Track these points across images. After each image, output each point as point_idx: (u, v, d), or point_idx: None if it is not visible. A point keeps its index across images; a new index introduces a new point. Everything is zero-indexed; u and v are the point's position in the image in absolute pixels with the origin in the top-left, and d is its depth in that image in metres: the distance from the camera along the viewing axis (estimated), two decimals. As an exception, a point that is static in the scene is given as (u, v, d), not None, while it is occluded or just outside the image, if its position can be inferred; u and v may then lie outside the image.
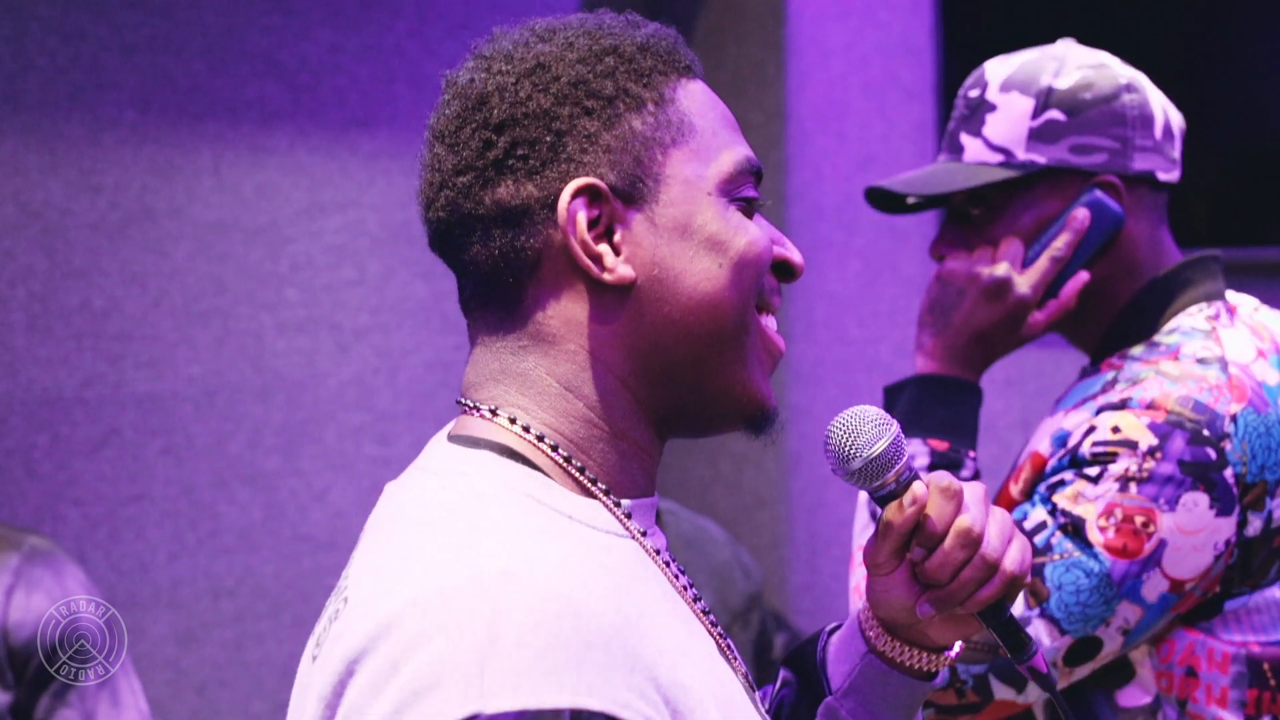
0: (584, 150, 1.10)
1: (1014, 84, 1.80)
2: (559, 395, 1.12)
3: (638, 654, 0.99)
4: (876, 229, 3.75)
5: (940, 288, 1.82)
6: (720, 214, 1.13)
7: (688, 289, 1.11)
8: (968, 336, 1.81)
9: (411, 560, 1.02)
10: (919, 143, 3.64)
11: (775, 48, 3.90)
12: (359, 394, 3.45)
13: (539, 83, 1.11)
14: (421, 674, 0.95)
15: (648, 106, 1.12)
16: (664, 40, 1.16)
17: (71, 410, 3.06)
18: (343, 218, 3.44)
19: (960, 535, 1.16)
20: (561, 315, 1.11)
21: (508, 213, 1.10)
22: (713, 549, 2.86)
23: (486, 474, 1.08)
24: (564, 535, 1.06)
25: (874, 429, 1.17)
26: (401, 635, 0.97)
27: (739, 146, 1.17)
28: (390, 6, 3.49)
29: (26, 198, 3.00)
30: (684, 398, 1.14)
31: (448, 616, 0.96)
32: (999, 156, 1.78)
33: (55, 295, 3.04)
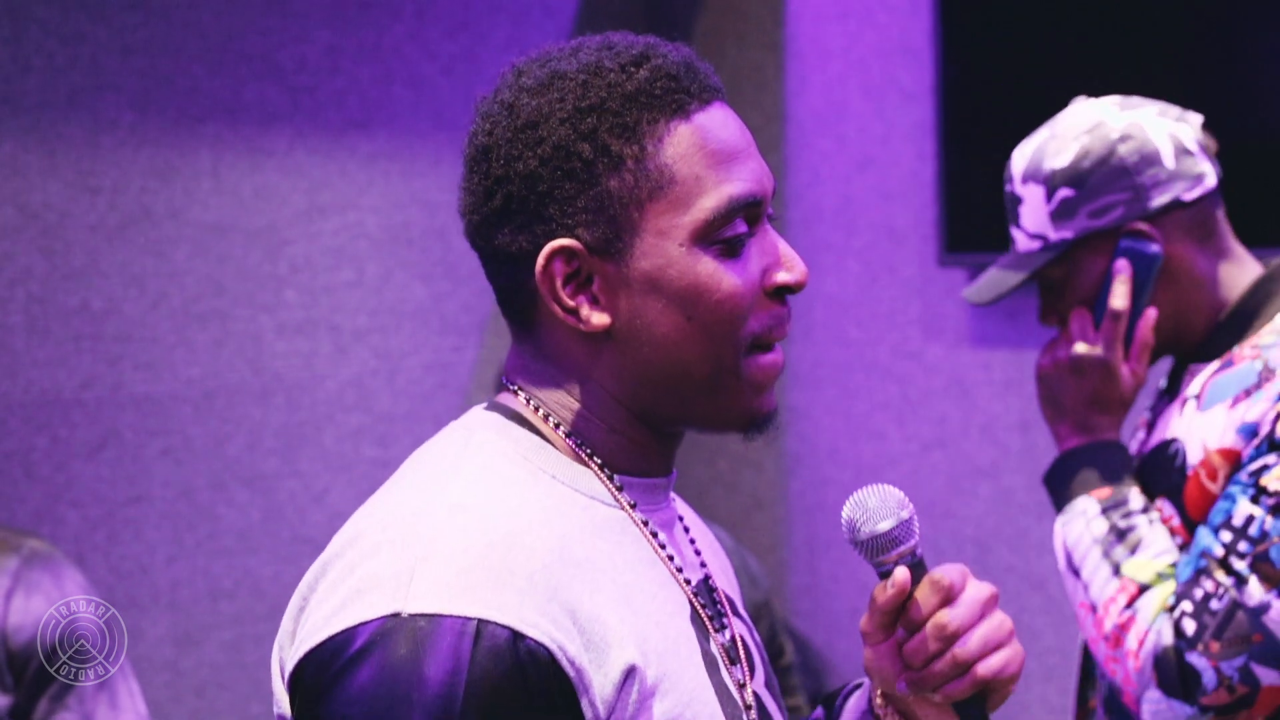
0: (564, 211, 1.20)
1: (1029, 175, 1.97)
2: (566, 395, 1.24)
3: (562, 587, 1.12)
4: (875, 231, 3.75)
5: (1043, 387, 2.00)
6: (691, 267, 1.20)
7: (659, 339, 1.21)
8: (1083, 410, 1.96)
9: (394, 491, 1.21)
10: (918, 144, 3.64)
11: (774, 49, 3.90)
12: (358, 395, 3.45)
13: (529, 142, 1.20)
14: (367, 577, 1.12)
15: (627, 164, 1.19)
16: (661, 80, 1.21)
17: (70, 412, 3.06)
18: (341, 219, 3.44)
19: (935, 628, 1.21)
20: (560, 344, 1.23)
21: (509, 256, 1.22)
22: None
23: (489, 430, 1.23)
24: (535, 488, 1.20)
25: (886, 508, 1.23)
26: (363, 545, 1.15)
27: (726, 185, 1.21)
28: (389, 8, 3.49)
29: (25, 199, 3.00)
30: (675, 415, 1.25)
31: (398, 534, 1.13)
32: (1038, 243, 1.97)
33: (54, 297, 3.04)
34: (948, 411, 3.63)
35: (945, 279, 3.62)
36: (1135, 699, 1.79)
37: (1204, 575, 1.76)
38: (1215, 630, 1.73)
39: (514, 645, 1.08)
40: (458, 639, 1.08)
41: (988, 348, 3.56)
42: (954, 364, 3.61)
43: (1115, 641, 1.81)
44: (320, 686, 1.11)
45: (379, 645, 1.08)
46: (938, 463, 3.65)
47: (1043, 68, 3.37)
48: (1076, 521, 1.90)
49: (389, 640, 1.08)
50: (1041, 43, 3.39)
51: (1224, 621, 1.73)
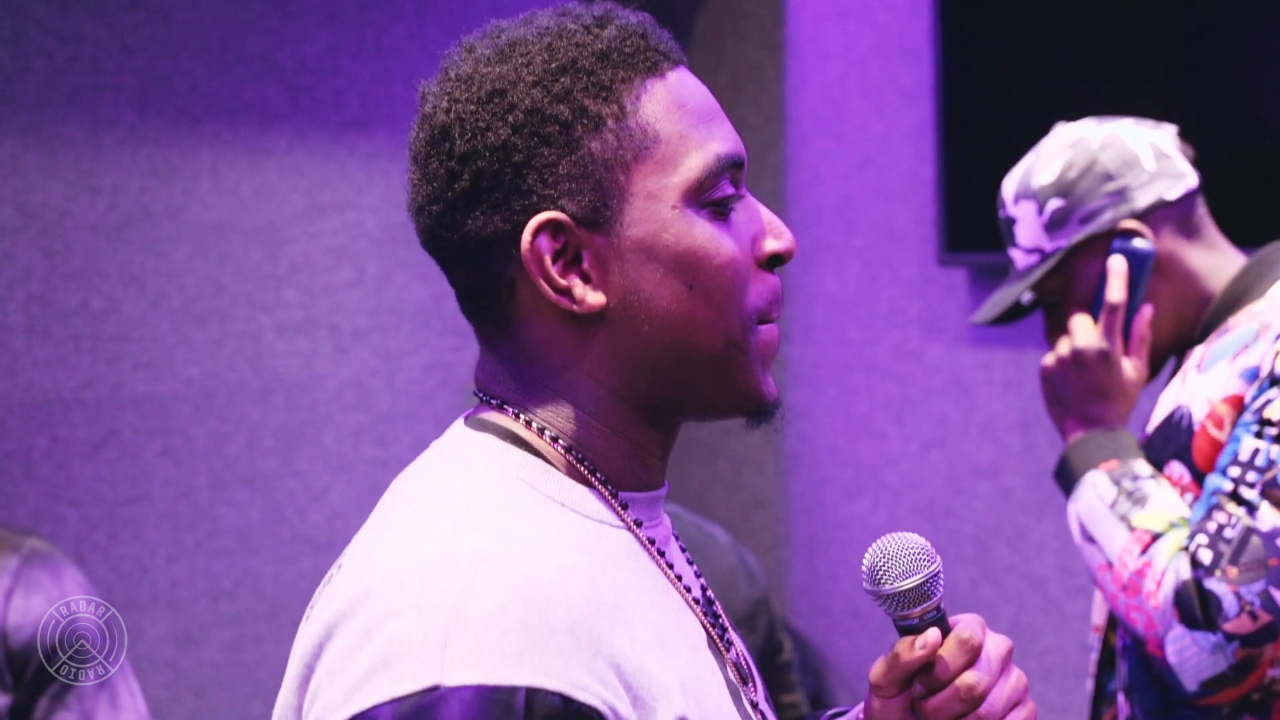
0: (544, 182, 1.10)
1: (1020, 195, 2.06)
2: (556, 399, 1.14)
3: (603, 640, 1.02)
4: (875, 231, 3.75)
5: (1047, 387, 2.06)
6: (686, 230, 1.11)
7: (661, 311, 1.11)
8: (1086, 402, 2.02)
9: (398, 536, 1.07)
10: (918, 144, 3.64)
11: (774, 49, 3.90)
12: (357, 395, 3.45)
13: (496, 111, 1.10)
14: (390, 644, 1.00)
15: (608, 124, 1.11)
16: (630, 38, 1.13)
17: (70, 411, 3.06)
18: (341, 219, 3.44)
19: (963, 689, 1.16)
20: (544, 336, 1.13)
21: (480, 242, 1.11)
22: (717, 554, 2.85)
23: (486, 457, 1.12)
24: (550, 521, 1.09)
25: (911, 562, 1.18)
26: (376, 606, 1.02)
27: (710, 143, 1.14)
28: (389, 8, 3.49)
29: (25, 199, 3.00)
30: (678, 400, 1.15)
31: (419, 592, 1.01)
32: (1035, 256, 2.05)
33: (54, 296, 3.04)
34: (947, 411, 3.63)
35: (945, 278, 3.62)
36: (1159, 644, 1.81)
37: (1216, 510, 1.79)
38: (1231, 556, 1.76)
39: (566, 711, 0.99)
40: (506, 711, 0.97)
41: (987, 347, 3.56)
42: (954, 364, 3.61)
43: (1134, 589, 1.84)
44: None
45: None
46: (937, 462, 3.65)
47: (1042, 68, 3.37)
48: (1088, 494, 1.95)
49: (432, 716, 0.97)
50: (1041, 43, 3.39)
51: (1239, 547, 1.76)
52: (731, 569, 2.85)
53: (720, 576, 2.81)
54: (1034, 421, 3.45)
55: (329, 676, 1.03)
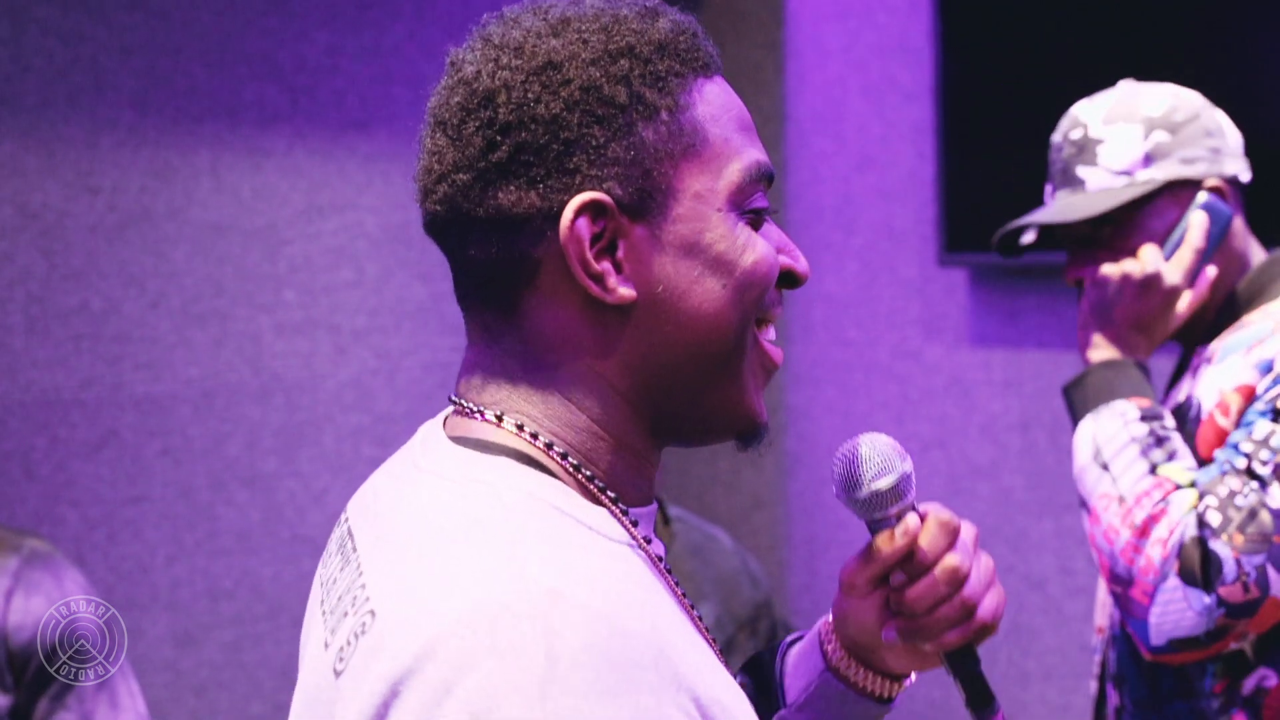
0: (592, 162, 1.05)
1: (1116, 117, 2.04)
2: (561, 405, 1.09)
3: (678, 672, 0.97)
4: (874, 231, 3.75)
5: (1098, 291, 2.03)
6: (729, 231, 1.09)
7: (690, 309, 1.07)
8: (1128, 328, 2.01)
9: (449, 574, 0.98)
10: (917, 144, 3.64)
11: (773, 49, 3.90)
12: (357, 395, 3.45)
13: (549, 84, 1.05)
14: (478, 697, 0.91)
15: (661, 115, 1.07)
16: (684, 35, 1.11)
17: (70, 412, 3.06)
18: (341, 219, 3.44)
19: (948, 571, 1.16)
20: (560, 327, 1.08)
21: (508, 219, 1.06)
22: (720, 558, 2.85)
23: (509, 482, 1.04)
24: (591, 548, 1.03)
25: (884, 462, 1.17)
26: (451, 655, 0.93)
27: (750, 151, 1.11)
28: (388, 8, 3.49)
29: (25, 199, 3.00)
30: (679, 411, 1.12)
31: (499, 636, 0.92)
32: (1122, 180, 2.02)
33: (53, 297, 3.04)
34: (947, 411, 3.63)
35: (945, 279, 3.62)
36: (1149, 591, 1.82)
37: (1229, 475, 1.82)
38: (1240, 523, 1.79)
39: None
40: None
41: (987, 347, 3.56)
42: (953, 364, 3.61)
43: (1143, 530, 1.84)
44: None
45: None
46: (937, 462, 3.65)
47: (1042, 67, 3.37)
48: (1113, 420, 1.94)
49: None
50: (1041, 42, 3.39)
51: (1249, 517, 1.79)
52: (735, 572, 2.85)
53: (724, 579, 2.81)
54: (1034, 422, 3.45)
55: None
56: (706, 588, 2.76)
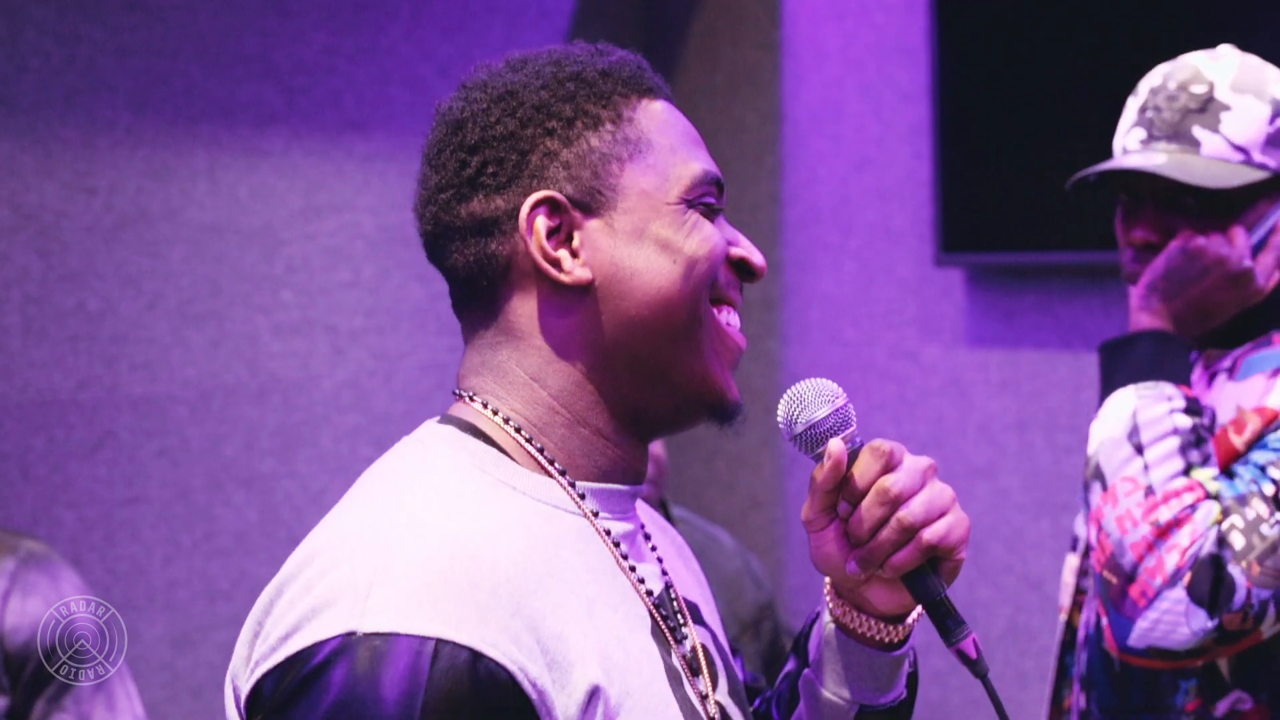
0: (545, 166, 1.22)
1: (1245, 87, 1.91)
2: (525, 384, 1.24)
3: (525, 604, 1.09)
4: (872, 231, 3.75)
5: (1184, 260, 1.90)
6: (676, 219, 1.23)
7: (642, 285, 1.21)
8: (1196, 310, 1.91)
9: (343, 510, 1.18)
10: (915, 144, 3.64)
11: (770, 49, 3.90)
12: (354, 396, 3.45)
13: (507, 108, 1.23)
14: (323, 594, 1.08)
15: (605, 125, 1.23)
16: (627, 67, 1.27)
17: (67, 412, 3.06)
18: (338, 220, 3.44)
19: (878, 494, 1.21)
20: (528, 313, 1.23)
21: (480, 223, 1.23)
22: (723, 559, 2.85)
23: (441, 444, 1.21)
24: (497, 500, 1.17)
25: (821, 399, 1.23)
26: (319, 564, 1.11)
27: (697, 161, 1.26)
28: (385, 9, 3.49)
29: (21, 200, 3.00)
30: (646, 389, 1.24)
31: (354, 550, 1.10)
32: (1240, 156, 1.90)
33: (50, 298, 3.04)
34: (944, 411, 3.63)
35: (942, 279, 3.62)
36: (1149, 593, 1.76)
37: (1255, 498, 1.76)
38: (1261, 554, 1.74)
39: (473, 666, 1.05)
40: (414, 659, 1.04)
41: (984, 348, 3.56)
42: (951, 364, 3.62)
43: (1165, 532, 1.78)
44: (276, 709, 1.07)
45: (334, 665, 1.05)
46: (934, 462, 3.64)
47: (1039, 67, 3.37)
48: (1159, 404, 1.83)
49: (344, 660, 1.05)
50: (1038, 42, 3.39)
51: (1270, 549, 1.74)
52: (738, 573, 2.85)
53: (726, 581, 2.81)
54: (1031, 422, 3.45)
55: (272, 626, 1.11)
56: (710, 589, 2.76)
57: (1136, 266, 1.96)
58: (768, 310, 3.90)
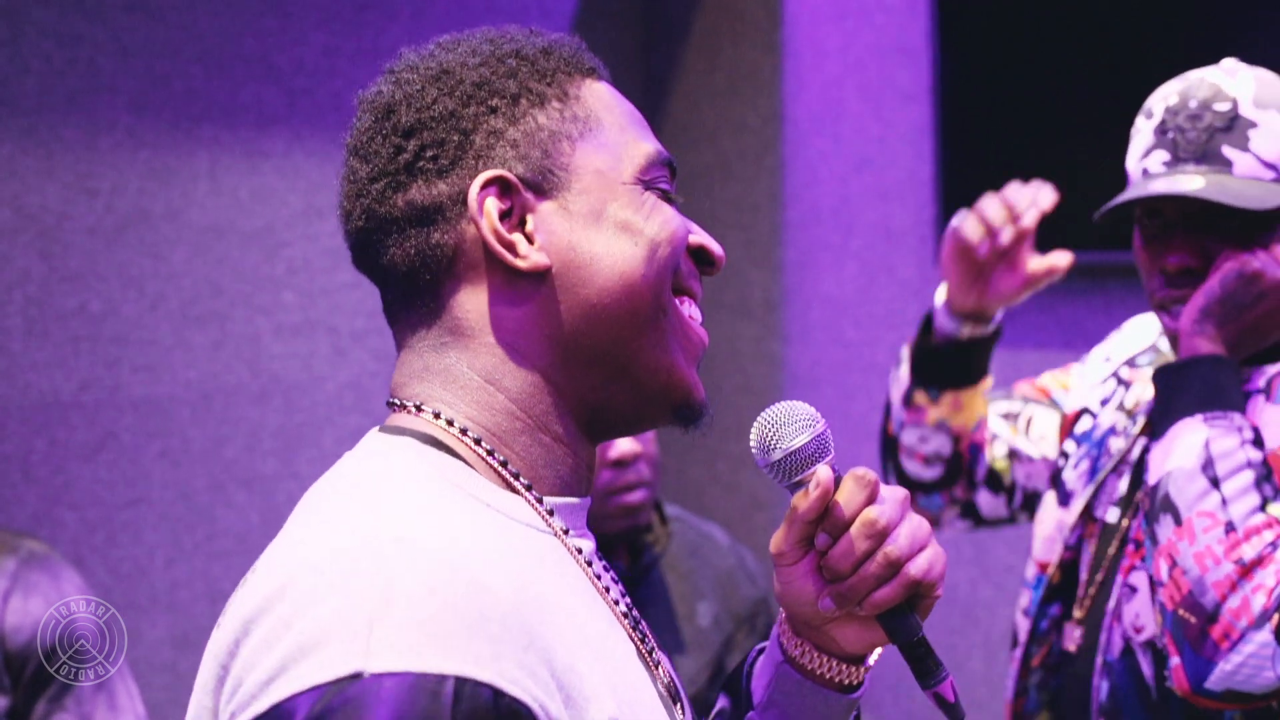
0: (491, 146, 1.11)
1: (1268, 102, 1.87)
2: (479, 388, 1.12)
3: (535, 634, 0.98)
4: (873, 231, 3.75)
5: (1241, 285, 1.84)
6: (635, 199, 1.13)
7: (604, 270, 1.11)
8: (1251, 333, 1.85)
9: (312, 527, 1.04)
10: (916, 145, 3.64)
11: (771, 50, 3.90)
12: (356, 397, 3.45)
13: (444, 87, 1.13)
14: (311, 631, 0.95)
15: (552, 103, 1.13)
16: (567, 45, 1.17)
17: (68, 414, 3.06)
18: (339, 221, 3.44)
19: (865, 525, 1.13)
20: (478, 308, 1.12)
21: (421, 212, 1.12)
22: (717, 556, 2.85)
23: (404, 456, 1.09)
24: (474, 516, 1.05)
25: (799, 424, 1.16)
26: (295, 594, 0.97)
27: (649, 141, 1.17)
28: (385, 10, 3.49)
29: (23, 201, 3.00)
30: (607, 386, 1.13)
31: (340, 577, 0.96)
32: (1272, 173, 1.85)
33: (52, 299, 3.04)
34: (946, 412, 3.63)
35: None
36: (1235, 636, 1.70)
37: None
38: None
39: (495, 705, 0.93)
40: (432, 700, 0.92)
41: (985, 348, 3.56)
42: (952, 364, 3.61)
43: (1248, 571, 1.71)
44: None
45: (339, 714, 0.91)
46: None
47: (1040, 68, 3.37)
48: (1231, 435, 1.78)
49: (352, 707, 0.91)
50: (1039, 43, 3.39)
51: None
52: (732, 569, 2.85)
53: (720, 577, 2.81)
54: (1032, 422, 3.45)
55: (247, 671, 0.97)
56: (704, 586, 2.76)
57: (1170, 292, 1.90)
58: (769, 311, 3.90)
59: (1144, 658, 1.86)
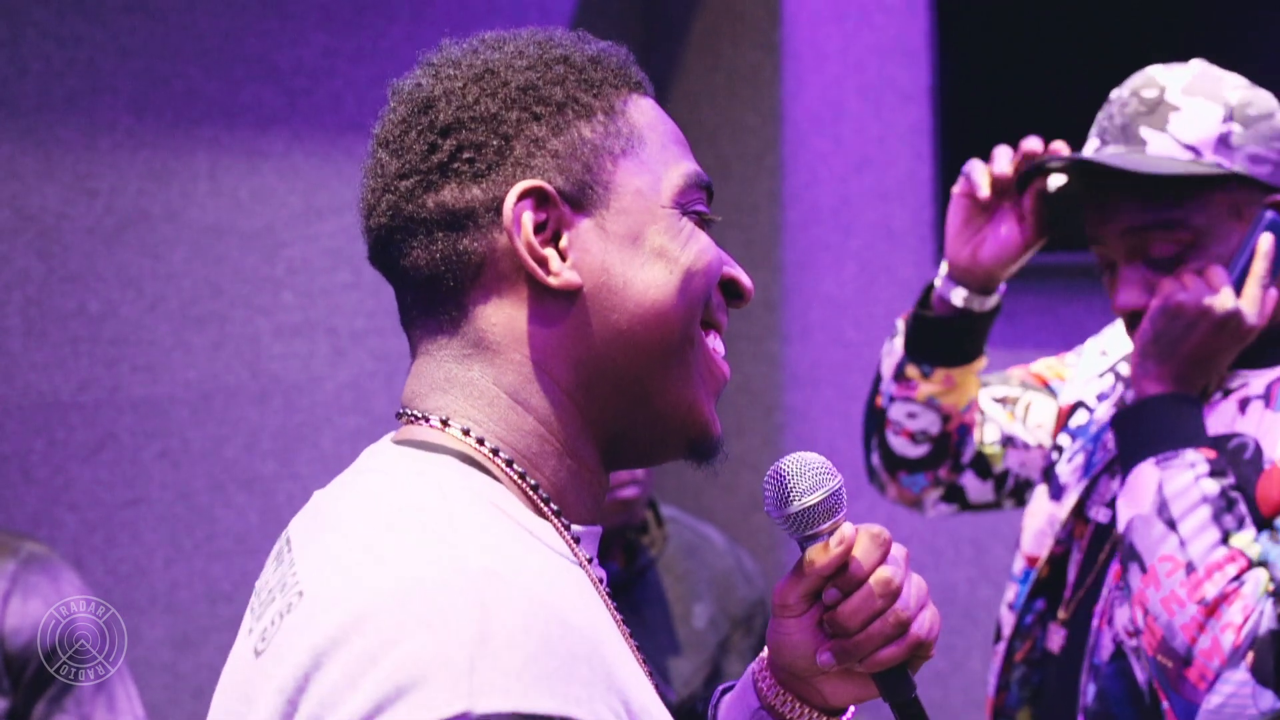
0: (531, 154, 1.08)
1: (1198, 90, 1.87)
2: (508, 407, 1.08)
3: (612, 673, 0.96)
4: (872, 231, 3.75)
5: (1167, 321, 1.84)
6: (673, 225, 1.10)
7: (635, 296, 1.08)
8: (1194, 364, 1.83)
9: (383, 553, 0.97)
10: (915, 145, 3.64)
11: (771, 50, 3.90)
12: (355, 397, 3.45)
13: (487, 87, 1.09)
14: (405, 668, 0.90)
15: (597, 116, 1.10)
16: (615, 56, 1.14)
17: (68, 414, 3.06)
18: (338, 221, 3.44)
19: (881, 584, 1.13)
20: (505, 322, 1.08)
21: (451, 215, 1.08)
22: (714, 557, 2.85)
23: (450, 477, 1.04)
24: (531, 546, 1.03)
25: (815, 477, 1.16)
26: (379, 627, 0.92)
27: (689, 162, 1.14)
28: (385, 10, 3.49)
29: (22, 202, 3.00)
30: (628, 415, 1.11)
31: (431, 609, 0.92)
32: (1188, 154, 1.84)
33: (51, 299, 3.04)
34: (945, 412, 3.63)
35: (943, 280, 3.62)
36: (1210, 677, 1.69)
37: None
38: None
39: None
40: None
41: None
42: (951, 364, 3.61)
43: (1213, 610, 1.70)
44: None
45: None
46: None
47: (1039, 68, 3.37)
48: (1184, 473, 1.76)
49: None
50: (1038, 43, 3.39)
51: None
52: (729, 570, 2.85)
53: (718, 579, 2.81)
54: (1032, 422, 3.45)
55: (328, 709, 0.92)
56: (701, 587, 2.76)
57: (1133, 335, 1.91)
58: (768, 311, 3.90)
59: (1137, 661, 1.85)
